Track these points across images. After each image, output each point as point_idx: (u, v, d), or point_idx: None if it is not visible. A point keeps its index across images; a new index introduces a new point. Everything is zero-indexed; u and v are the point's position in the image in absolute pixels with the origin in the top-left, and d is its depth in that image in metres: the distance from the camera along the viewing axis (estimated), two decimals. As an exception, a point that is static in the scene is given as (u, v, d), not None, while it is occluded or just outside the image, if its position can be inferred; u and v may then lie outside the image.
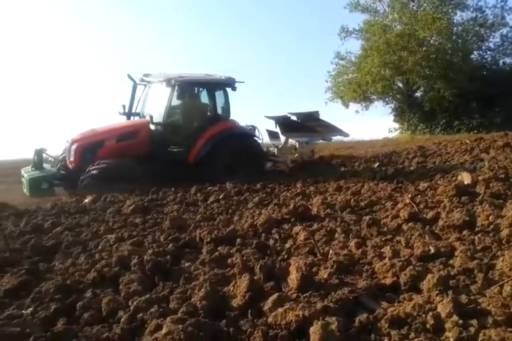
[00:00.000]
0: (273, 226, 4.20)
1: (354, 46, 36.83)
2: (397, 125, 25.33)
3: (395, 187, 5.82)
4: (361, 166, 8.89)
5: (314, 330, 2.03)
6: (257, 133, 9.55)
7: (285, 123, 9.47)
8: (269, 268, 2.90)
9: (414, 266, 2.76)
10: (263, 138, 10.16)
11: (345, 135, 10.31)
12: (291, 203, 4.95)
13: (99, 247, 4.02)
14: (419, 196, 4.91)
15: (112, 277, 3.10)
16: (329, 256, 3.22)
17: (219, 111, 8.81)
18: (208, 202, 5.89)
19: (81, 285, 2.99)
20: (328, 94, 25.84)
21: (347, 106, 25.47)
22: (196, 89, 8.95)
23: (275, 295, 2.42)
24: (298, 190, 6.26)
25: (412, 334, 2.09)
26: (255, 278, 2.74)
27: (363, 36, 24.84)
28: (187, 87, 8.45)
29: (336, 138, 11.34)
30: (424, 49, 22.79)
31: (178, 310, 2.43)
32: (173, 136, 8.33)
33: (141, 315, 2.40)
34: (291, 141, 10.09)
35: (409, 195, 4.83)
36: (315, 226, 4.13)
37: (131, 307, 2.48)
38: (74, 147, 7.95)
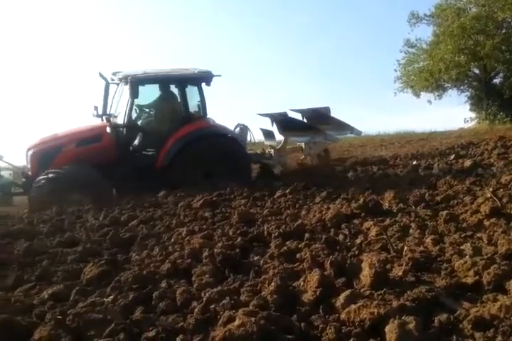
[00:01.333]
0: (342, 221, 4.10)
1: (424, 33, 34.81)
2: (473, 114, 23.87)
3: (474, 180, 5.45)
4: (435, 159, 8.42)
5: (390, 329, 1.94)
6: (248, 133, 8.60)
7: (282, 121, 8.45)
8: (339, 264, 2.84)
9: (499, 264, 2.56)
10: (254, 139, 9.10)
11: (358, 133, 9.17)
12: (361, 197, 4.81)
13: (172, 240, 4.16)
14: (502, 190, 4.55)
15: (184, 268, 3.20)
16: (404, 252, 3.08)
17: (194, 109, 7.95)
18: (275, 196, 5.89)
19: (156, 276, 3.11)
20: (397, 84, 24.87)
21: (418, 96, 24.39)
22: (162, 86, 7.98)
23: (347, 292, 2.36)
24: (367, 185, 6.08)
25: (500, 337, 1.93)
26: (325, 273, 2.69)
27: (434, 21, 23.56)
28: (146, 84, 7.69)
29: (407, 131, 10.50)
30: (503, 31, 21.18)
31: (249, 302, 2.44)
32: (139, 139, 7.51)
33: (213, 306, 2.44)
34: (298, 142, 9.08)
35: (491, 189, 4.50)
36: (387, 221, 3.98)
37: (204, 299, 2.53)
38: (30, 153, 7.38)
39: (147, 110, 8.14)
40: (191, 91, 8.01)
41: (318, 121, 8.64)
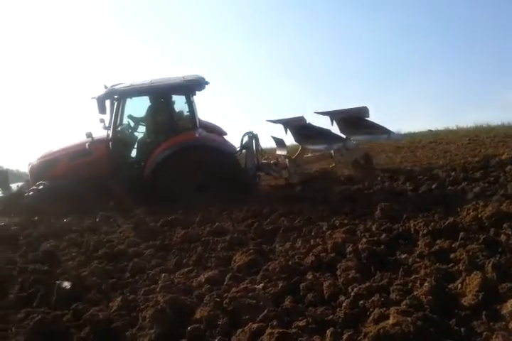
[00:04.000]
0: (503, 220, 3.67)
1: None
2: None
3: None
4: None
5: None
6: (254, 142, 7.86)
7: (297, 128, 7.53)
8: (503, 268, 2.56)
9: None
10: (261, 148, 8.42)
11: (396, 137, 8.12)
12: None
13: (313, 233, 4.21)
14: None
15: (328, 262, 3.21)
16: None
17: (183, 119, 7.64)
18: (419, 191, 5.54)
19: (301, 267, 3.18)
20: None
21: None
22: (150, 98, 7.77)
23: (517, 299, 2.11)
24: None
25: None
26: (487, 276, 2.44)
27: None
28: (127, 97, 7.55)
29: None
30: None
31: (401, 301, 2.34)
32: (128, 153, 7.53)
33: (362, 302, 2.40)
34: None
35: None
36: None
37: (352, 294, 2.51)
38: (29, 167, 7.65)
39: (140, 122, 8.06)
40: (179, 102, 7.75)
41: (350, 123, 7.28)
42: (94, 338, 2.45)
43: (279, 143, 8.64)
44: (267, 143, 9.10)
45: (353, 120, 7.14)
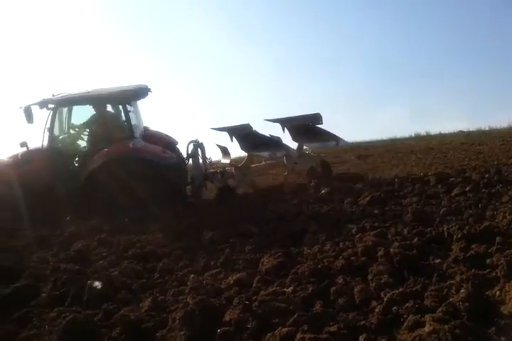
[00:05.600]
0: (543, 224, 3.52)
1: None
2: None
3: None
4: None
5: None
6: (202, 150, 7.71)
7: (242, 135, 7.41)
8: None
9: None
10: (210, 158, 8.13)
11: (345, 143, 7.82)
12: None
13: (342, 236, 4.14)
14: None
15: (359, 266, 3.15)
16: None
17: (118, 130, 7.33)
18: (452, 194, 5.38)
19: (331, 271, 3.13)
20: None
21: None
22: (84, 107, 7.60)
23: None
24: None
25: None
26: (529, 284, 2.34)
27: None
28: (62, 106, 7.40)
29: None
30: None
31: (436, 308, 2.27)
32: (65, 163, 7.25)
33: (395, 308, 2.34)
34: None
35: None
36: None
37: (385, 299, 2.45)
38: None
39: (76, 132, 7.85)
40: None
41: (300, 131, 7.31)
42: (125, 338, 2.48)
43: (224, 151, 8.31)
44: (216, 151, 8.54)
45: (303, 127, 7.16)
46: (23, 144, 7.19)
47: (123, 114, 7.31)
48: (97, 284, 3.28)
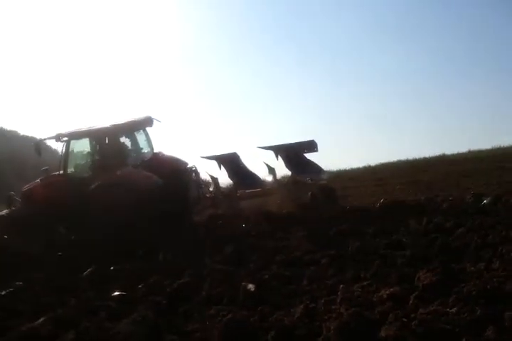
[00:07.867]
0: None
1: None
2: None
3: None
4: None
5: None
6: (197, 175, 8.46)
7: (229, 164, 8.18)
8: None
9: None
10: (203, 182, 8.87)
11: (324, 176, 8.09)
12: None
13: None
14: None
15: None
16: None
17: (113, 158, 7.89)
18: None
19: (503, 293, 2.74)
20: None
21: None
22: (87, 140, 8.38)
23: None
24: None
25: None
26: None
27: None
28: (72, 139, 8.22)
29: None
30: None
31: None
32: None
33: None
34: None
35: None
36: None
37: None
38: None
39: (85, 161, 8.61)
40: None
41: (291, 160, 7.80)
42: (279, 343, 2.51)
43: (213, 179, 8.89)
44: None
45: (294, 156, 7.73)
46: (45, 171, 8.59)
47: (118, 145, 8.25)
48: (251, 287, 3.43)
